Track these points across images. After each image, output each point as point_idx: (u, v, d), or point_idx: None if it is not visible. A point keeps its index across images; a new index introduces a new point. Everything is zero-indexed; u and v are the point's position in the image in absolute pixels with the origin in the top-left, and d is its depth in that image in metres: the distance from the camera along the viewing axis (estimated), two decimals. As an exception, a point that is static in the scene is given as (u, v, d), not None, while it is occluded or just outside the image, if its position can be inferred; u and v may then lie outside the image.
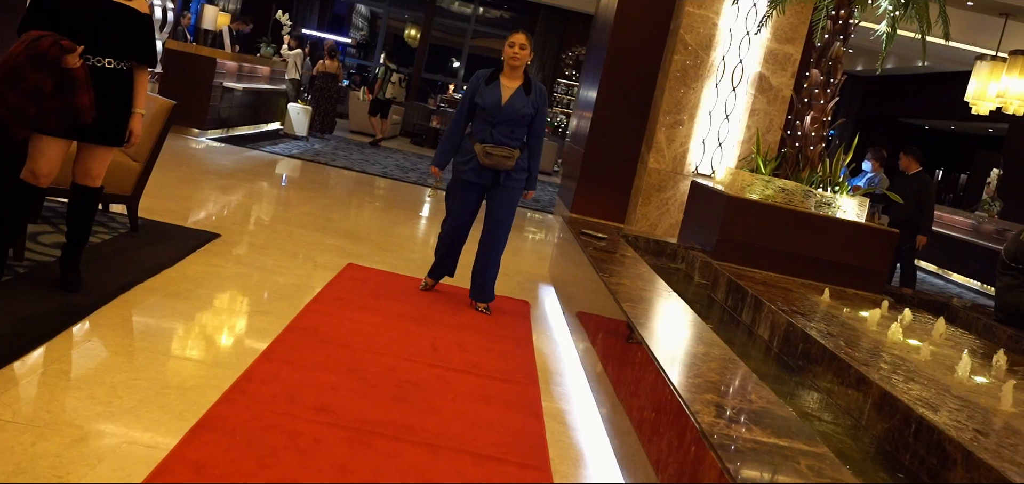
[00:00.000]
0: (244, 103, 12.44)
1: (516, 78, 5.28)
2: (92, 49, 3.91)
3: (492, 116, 5.19)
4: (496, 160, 5.20)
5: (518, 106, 5.20)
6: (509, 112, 5.18)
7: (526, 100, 5.23)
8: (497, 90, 5.22)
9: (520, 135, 5.28)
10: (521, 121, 5.21)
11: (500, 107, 5.17)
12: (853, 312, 4.95)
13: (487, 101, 5.20)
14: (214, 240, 5.82)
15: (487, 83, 5.26)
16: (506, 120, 5.19)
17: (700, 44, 8.82)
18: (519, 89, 5.24)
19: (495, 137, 5.21)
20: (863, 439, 3.18)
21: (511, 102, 5.19)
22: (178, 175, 8.14)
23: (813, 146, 6.87)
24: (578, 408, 4.05)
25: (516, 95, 5.21)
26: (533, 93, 5.27)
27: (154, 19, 4.28)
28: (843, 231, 6.35)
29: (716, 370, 3.01)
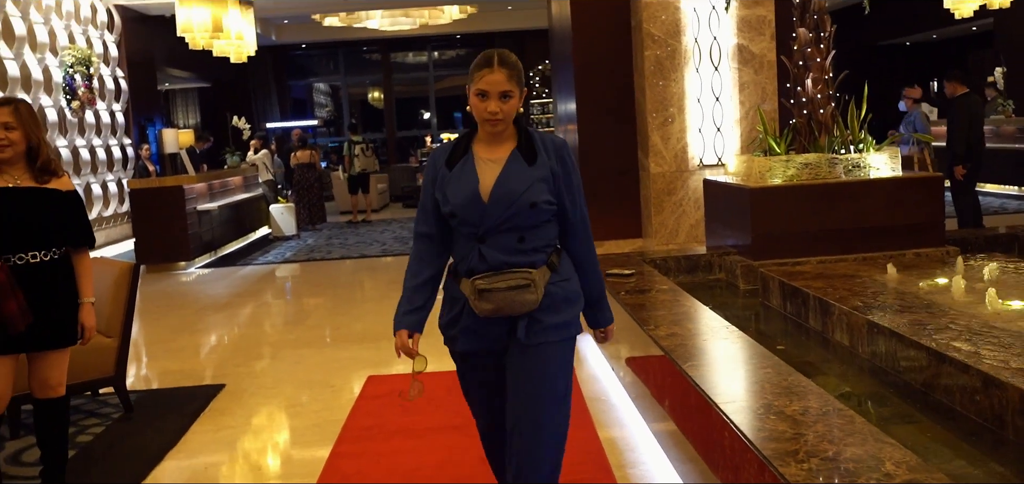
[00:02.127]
0: (224, 220, 11.95)
1: (504, 141, 2.73)
2: (12, 246, 3.41)
3: (476, 221, 2.66)
4: (502, 301, 2.65)
5: (518, 188, 2.64)
6: (504, 204, 2.64)
7: (531, 173, 2.67)
8: (471, 171, 2.70)
9: (542, 239, 2.70)
10: (533, 215, 2.65)
11: (483, 202, 2.64)
12: (930, 283, 4.42)
13: (458, 197, 2.67)
14: (219, 394, 5.29)
15: (451, 163, 2.75)
16: (503, 220, 2.64)
17: (668, 32, 8.33)
18: (514, 157, 2.71)
19: (491, 258, 2.65)
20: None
21: (504, 185, 2.65)
22: (170, 322, 7.62)
23: (823, 109, 6.37)
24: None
25: (511, 170, 2.68)
26: (544, 155, 2.72)
27: (80, 194, 3.77)
28: (883, 191, 5.82)
29: (828, 432, 2.46)
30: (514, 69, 2.63)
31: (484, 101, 2.61)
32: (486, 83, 2.60)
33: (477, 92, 2.61)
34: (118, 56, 13.45)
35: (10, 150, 3.44)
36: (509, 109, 2.63)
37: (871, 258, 5.42)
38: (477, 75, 2.62)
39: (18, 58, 10.34)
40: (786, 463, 2.20)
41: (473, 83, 2.63)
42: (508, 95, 2.61)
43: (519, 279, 2.61)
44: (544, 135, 2.77)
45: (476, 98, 2.63)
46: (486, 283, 2.60)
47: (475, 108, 2.66)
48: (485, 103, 2.61)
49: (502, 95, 2.60)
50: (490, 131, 2.67)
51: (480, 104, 2.63)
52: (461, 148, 2.73)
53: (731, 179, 6.79)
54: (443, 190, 2.67)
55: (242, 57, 12.14)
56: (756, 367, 3.25)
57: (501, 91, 2.60)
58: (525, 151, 2.68)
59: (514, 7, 18.61)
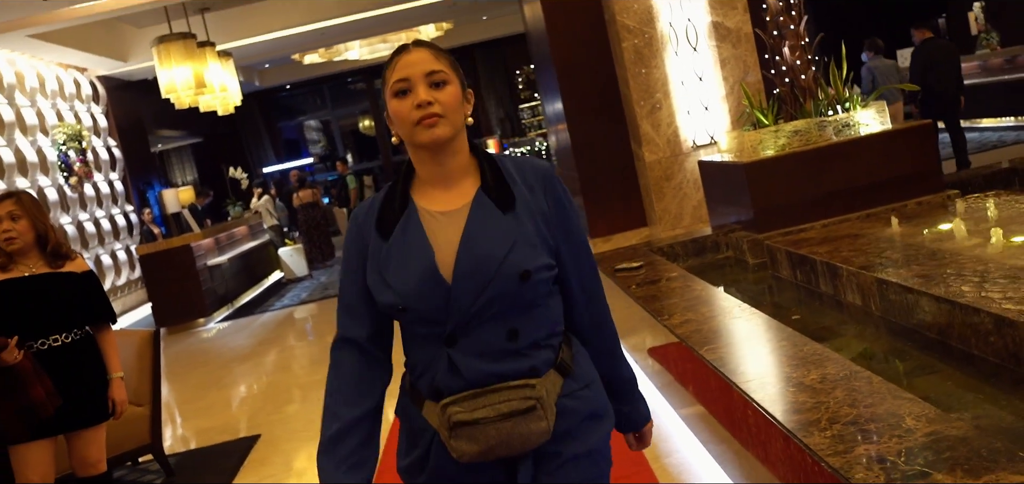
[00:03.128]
0: (236, 271, 12.07)
1: (458, 177, 1.80)
2: (34, 333, 3.51)
3: (438, 314, 1.72)
4: (494, 438, 1.70)
5: (497, 251, 1.71)
6: (479, 280, 1.70)
7: (511, 225, 1.74)
8: (418, 235, 1.76)
9: (544, 326, 1.77)
10: (526, 291, 1.72)
11: (444, 282, 1.71)
12: (934, 230, 4.50)
13: (404, 279, 1.73)
14: (256, 444, 5.40)
15: (385, 227, 1.79)
16: (481, 306, 1.71)
17: (641, 21, 8.44)
18: (480, 202, 1.76)
19: (469, 370, 1.72)
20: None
21: (473, 248, 1.72)
22: (198, 380, 7.73)
23: (804, 74, 6.46)
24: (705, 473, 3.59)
25: (479, 222, 1.74)
26: (525, 192, 1.79)
27: (96, 273, 3.87)
28: (875, 145, 5.91)
29: (848, 396, 2.56)
30: (441, 50, 1.76)
31: (406, 98, 1.70)
32: (402, 68, 1.71)
33: (394, 91, 1.71)
34: (108, 126, 13.59)
35: (19, 241, 3.54)
36: (449, 100, 1.70)
37: (873, 214, 5.51)
38: (388, 71, 1.74)
39: (11, 144, 10.47)
40: (810, 432, 2.30)
41: (386, 86, 1.74)
42: (442, 81, 1.70)
43: (517, 400, 1.67)
44: (519, 161, 1.81)
45: (396, 101, 1.71)
46: (466, 412, 1.66)
47: (399, 120, 1.71)
48: (408, 98, 1.69)
49: (432, 82, 1.70)
50: (430, 154, 1.72)
51: (402, 107, 1.69)
52: (395, 201, 1.76)
53: (725, 157, 6.88)
54: (379, 271, 1.72)
55: (229, 108, 12.24)
56: (772, 342, 3.35)
57: (427, 71, 1.70)
58: (496, 189, 1.74)
59: (489, 16, 18.72)
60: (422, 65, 1.71)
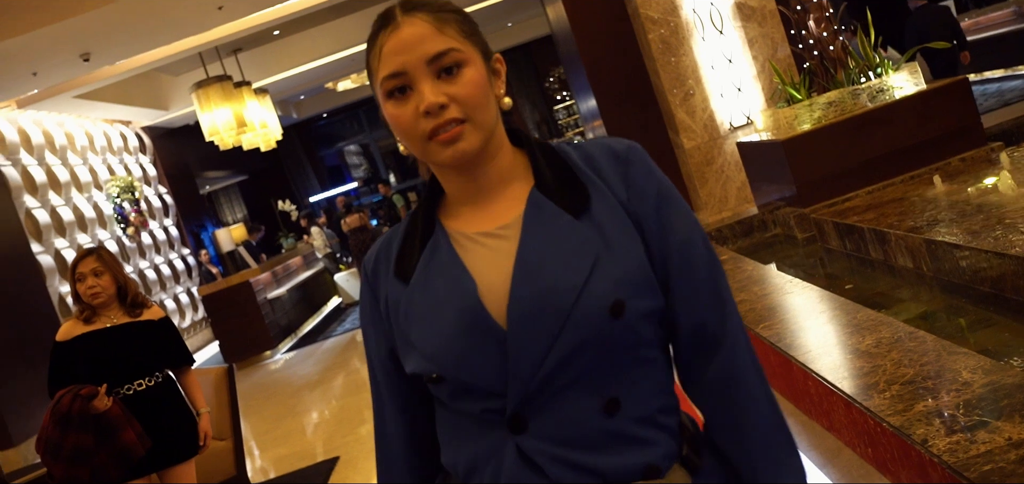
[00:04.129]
0: (296, 301, 12.36)
1: (501, 181, 1.23)
2: (119, 380, 3.73)
3: (489, 380, 1.14)
4: None
5: (571, 276, 1.12)
6: (549, 320, 1.11)
7: (589, 236, 1.15)
8: (452, 266, 1.20)
9: (652, 391, 1.17)
10: (622, 335, 1.13)
11: (496, 327, 1.14)
12: (979, 186, 4.56)
13: (432, 333, 1.18)
14: (335, 466, 5.60)
15: (404, 267, 1.24)
16: (557, 364, 1.12)
17: (665, 11, 8.52)
18: (538, 206, 1.19)
19: (555, 469, 1.13)
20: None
21: (535, 273, 1.14)
22: (272, 411, 7.98)
23: (832, 46, 6.51)
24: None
25: (541, 237, 1.16)
26: (600, 185, 1.20)
27: (171, 319, 4.10)
28: (911, 107, 5.95)
29: (903, 357, 2.66)
30: (445, 8, 1.18)
31: (405, 100, 1.17)
32: (392, 55, 1.16)
33: (385, 91, 1.18)
34: (157, 174, 13.98)
35: (103, 295, 3.77)
36: (470, 92, 1.16)
37: (917, 176, 5.56)
38: (372, 58, 1.20)
39: (69, 202, 10.84)
40: (869, 396, 2.41)
41: (373, 80, 1.21)
42: (455, 63, 1.16)
43: None
44: (588, 145, 1.26)
45: (391, 105, 1.18)
46: None
47: (401, 133, 1.19)
48: (408, 101, 1.17)
49: (440, 68, 1.16)
50: (456, 170, 1.21)
51: (402, 114, 1.17)
52: (417, 229, 1.26)
53: (763, 135, 6.95)
54: (402, 329, 1.22)
55: (271, 144, 12.55)
56: (826, 312, 3.44)
57: (429, 55, 1.15)
58: (558, 187, 1.20)
59: (513, 22, 18.88)
60: (421, 46, 1.13)
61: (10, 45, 7.46)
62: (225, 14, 8.59)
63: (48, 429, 3.52)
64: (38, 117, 10.76)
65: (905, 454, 2.13)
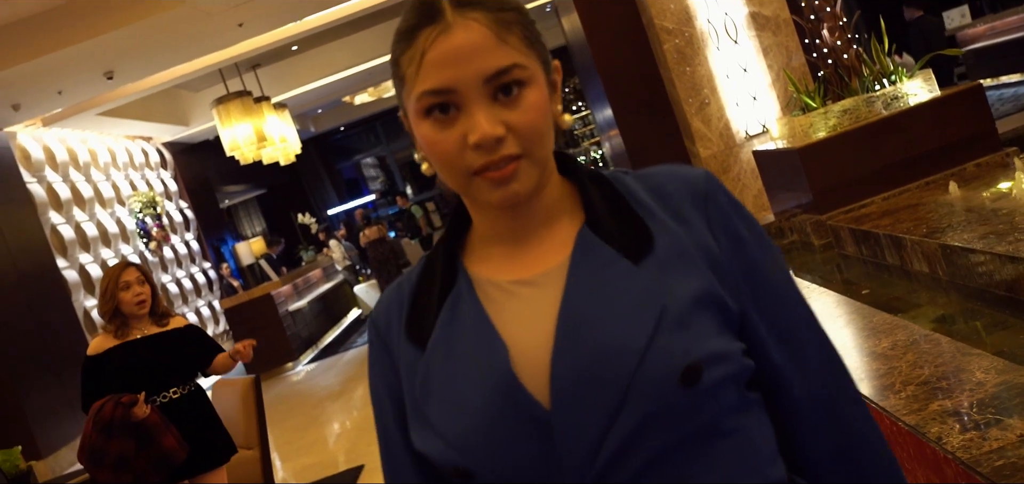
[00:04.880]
0: (316, 313, 12.50)
1: (545, 214, 0.99)
2: (154, 388, 3.83)
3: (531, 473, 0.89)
4: None
5: (629, 334, 0.88)
6: (600, 395, 0.87)
7: (644, 281, 0.92)
8: (475, 321, 0.96)
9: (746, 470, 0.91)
10: (689, 404, 0.87)
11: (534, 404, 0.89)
12: (993, 191, 4.60)
13: (454, 405, 0.94)
14: (360, 473, 5.68)
15: (416, 321, 1.01)
16: (617, 451, 0.87)
17: (679, 21, 8.60)
18: (584, 249, 0.96)
19: None
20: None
21: (581, 334, 0.90)
22: (295, 422, 8.08)
23: (846, 54, 6.57)
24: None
25: (587, 283, 0.93)
26: (668, 222, 0.96)
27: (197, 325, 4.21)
28: (926, 114, 6.00)
29: (918, 359, 2.72)
30: (504, 10, 0.94)
31: (449, 123, 0.93)
32: (438, 65, 0.92)
33: (422, 108, 0.94)
34: (178, 189, 14.16)
35: (147, 303, 3.87)
36: (532, 119, 0.93)
37: (932, 181, 5.60)
38: (405, 61, 0.95)
39: (92, 218, 11.01)
40: (886, 396, 2.47)
41: (403, 87, 0.97)
42: (517, 81, 0.93)
43: None
44: (652, 173, 1.05)
45: (428, 126, 0.94)
46: None
47: (438, 160, 0.95)
48: (453, 126, 0.93)
49: (498, 87, 0.92)
50: (501, 207, 0.97)
51: (444, 141, 0.93)
52: (435, 276, 1.03)
53: (778, 143, 7.01)
54: (418, 405, 0.99)
55: (290, 157, 12.68)
56: (843, 316, 3.51)
57: (488, 73, 0.91)
58: (613, 225, 0.98)
59: (531, 34, 18.94)
60: (478, 60, 0.89)
61: (37, 65, 7.62)
62: (245, 31, 8.73)
63: (91, 437, 3.63)
64: (62, 134, 10.94)
65: (920, 452, 2.20)
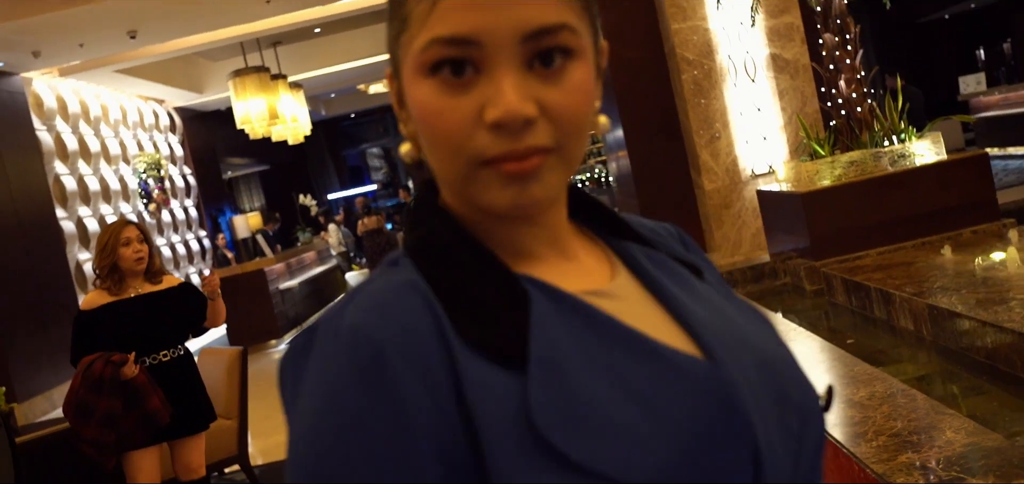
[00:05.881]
0: (306, 295, 12.52)
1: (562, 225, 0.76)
2: (145, 349, 3.85)
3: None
4: None
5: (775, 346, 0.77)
6: (785, 405, 0.71)
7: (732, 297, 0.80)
8: (633, 338, 0.68)
9: None
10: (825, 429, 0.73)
11: (744, 419, 0.65)
12: (986, 259, 4.65)
13: (649, 423, 0.62)
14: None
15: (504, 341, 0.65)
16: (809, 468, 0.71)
17: (701, 53, 8.66)
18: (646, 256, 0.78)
19: None
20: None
21: (747, 340, 0.73)
22: (273, 400, 8.05)
23: (859, 107, 6.63)
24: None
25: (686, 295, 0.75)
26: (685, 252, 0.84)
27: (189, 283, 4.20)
28: (931, 175, 6.05)
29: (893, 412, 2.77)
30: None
31: (462, 88, 0.67)
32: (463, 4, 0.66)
33: (431, 58, 0.67)
34: (184, 154, 14.20)
35: (145, 263, 3.90)
36: (575, 103, 0.68)
37: (928, 242, 5.65)
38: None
39: (96, 172, 11.04)
40: (857, 443, 2.51)
41: (412, 32, 0.69)
42: (562, 47, 0.67)
43: None
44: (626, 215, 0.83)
45: (432, 89, 0.68)
46: None
47: (444, 132, 0.68)
48: (470, 92, 0.67)
49: (536, 52, 0.67)
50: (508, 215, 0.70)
51: (453, 108, 0.67)
52: (487, 280, 0.69)
53: (783, 186, 7.06)
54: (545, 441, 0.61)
55: (299, 138, 12.75)
56: (825, 362, 3.54)
57: (530, 29, 0.66)
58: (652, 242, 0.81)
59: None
60: (520, 7, 0.66)
61: (64, 16, 7.68)
62: (272, 8, 8.79)
63: (80, 393, 3.64)
64: (77, 86, 10.98)
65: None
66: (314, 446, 0.62)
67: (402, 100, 0.74)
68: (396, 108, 0.76)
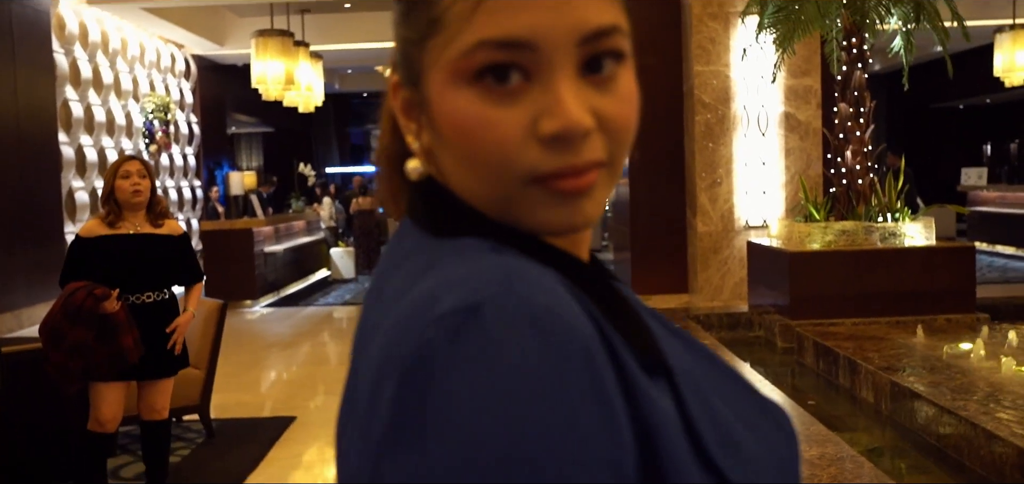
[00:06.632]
0: (288, 262, 12.54)
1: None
2: (130, 287, 3.89)
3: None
4: None
5: None
6: None
7: None
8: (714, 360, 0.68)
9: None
10: None
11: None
12: (954, 347, 4.74)
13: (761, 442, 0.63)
14: (291, 424, 5.75)
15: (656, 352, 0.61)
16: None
17: (718, 99, 8.75)
18: None
19: None
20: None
21: None
22: (240, 358, 8.14)
23: (861, 180, 6.73)
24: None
25: None
26: None
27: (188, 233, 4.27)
28: (916, 258, 6.14)
29: (840, 474, 2.84)
30: None
31: (511, 97, 0.61)
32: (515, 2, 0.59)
33: (477, 63, 0.60)
34: (193, 102, 14.23)
35: (142, 197, 3.94)
36: (627, 111, 0.64)
37: (903, 322, 5.73)
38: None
39: (105, 104, 11.08)
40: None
41: (448, 33, 0.61)
42: (611, 55, 0.63)
43: None
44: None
45: (476, 97, 0.61)
46: None
47: (490, 146, 0.61)
48: (521, 101, 0.61)
49: (591, 55, 0.62)
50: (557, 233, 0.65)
51: (503, 120, 0.61)
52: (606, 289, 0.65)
53: (773, 242, 7.14)
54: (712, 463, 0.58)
55: (310, 107, 12.78)
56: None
57: (589, 31, 0.61)
58: None
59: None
60: (579, 7, 0.61)
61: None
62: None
63: (57, 318, 3.69)
64: (102, 16, 11.02)
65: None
66: (513, 435, 0.49)
67: (412, 110, 0.68)
68: (401, 119, 0.69)
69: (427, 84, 0.64)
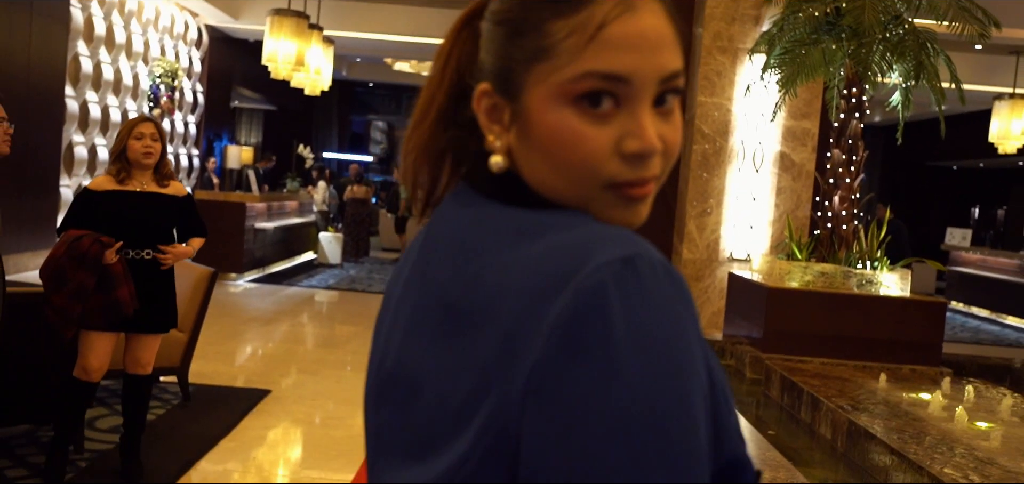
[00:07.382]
0: (277, 240, 12.65)
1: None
2: (130, 242, 4.01)
3: None
4: None
5: None
6: None
7: None
8: None
9: None
10: None
11: None
12: (914, 396, 4.89)
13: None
14: (265, 397, 5.87)
15: None
16: None
17: (717, 130, 8.90)
18: None
19: None
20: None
21: None
22: (221, 328, 8.26)
23: (845, 225, 6.89)
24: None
25: None
26: None
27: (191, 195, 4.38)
28: (889, 308, 6.31)
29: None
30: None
31: (603, 119, 0.76)
32: (622, 39, 0.76)
33: (582, 89, 0.76)
34: (201, 72, 14.34)
35: (153, 158, 4.07)
36: (678, 141, 0.81)
37: (869, 367, 5.89)
38: (568, 24, 0.76)
39: (114, 63, 11.19)
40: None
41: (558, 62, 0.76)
42: (672, 92, 0.80)
43: None
44: None
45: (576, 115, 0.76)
46: None
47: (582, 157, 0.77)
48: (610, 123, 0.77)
49: (665, 91, 0.79)
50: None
51: (596, 137, 0.76)
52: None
53: (754, 275, 7.30)
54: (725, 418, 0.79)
55: (316, 90, 12.89)
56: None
57: (667, 73, 0.79)
58: None
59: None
60: (662, 53, 0.78)
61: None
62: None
63: (62, 261, 3.81)
64: (119, -25, 11.14)
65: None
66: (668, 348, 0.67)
67: (501, 115, 0.81)
68: (483, 120, 0.82)
69: (528, 99, 0.78)
